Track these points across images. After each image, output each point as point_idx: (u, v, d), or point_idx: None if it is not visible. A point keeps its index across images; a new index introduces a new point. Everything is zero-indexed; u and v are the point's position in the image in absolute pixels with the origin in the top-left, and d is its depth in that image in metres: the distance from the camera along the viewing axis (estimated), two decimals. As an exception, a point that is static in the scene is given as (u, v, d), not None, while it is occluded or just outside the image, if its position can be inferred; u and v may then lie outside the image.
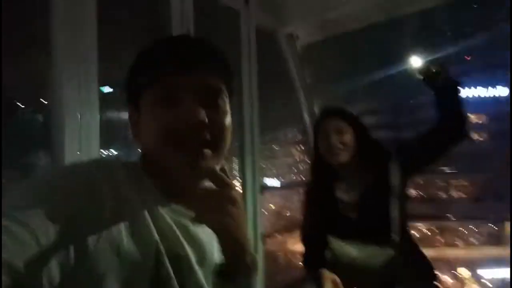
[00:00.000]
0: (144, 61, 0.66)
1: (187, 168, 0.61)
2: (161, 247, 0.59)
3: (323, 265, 1.53)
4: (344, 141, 1.51)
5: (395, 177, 1.49)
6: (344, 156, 1.51)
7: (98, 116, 1.38)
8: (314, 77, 3.45)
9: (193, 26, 1.81)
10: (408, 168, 1.52)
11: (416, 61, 1.52)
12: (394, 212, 1.45)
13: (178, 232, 0.62)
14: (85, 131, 1.32)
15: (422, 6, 2.24)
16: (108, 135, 1.58)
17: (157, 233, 0.59)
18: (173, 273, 0.60)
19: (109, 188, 0.57)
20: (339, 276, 1.51)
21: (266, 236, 2.21)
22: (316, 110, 3.39)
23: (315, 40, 3.05)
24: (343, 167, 1.56)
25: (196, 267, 0.64)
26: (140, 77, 0.65)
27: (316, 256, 1.58)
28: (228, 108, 0.67)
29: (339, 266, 1.51)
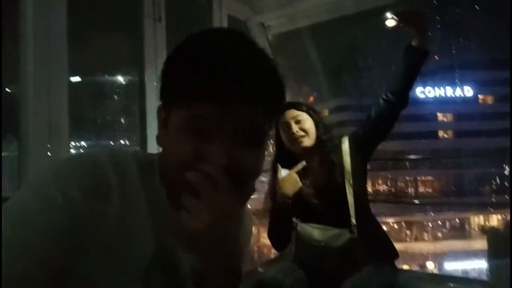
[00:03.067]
0: (181, 69, 0.54)
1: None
2: (158, 253, 0.56)
3: (288, 243, 1.61)
4: (304, 128, 1.60)
5: (349, 161, 1.58)
6: (307, 141, 1.61)
7: (67, 105, 1.35)
8: (285, 68, 3.50)
9: (164, 13, 1.79)
10: (361, 148, 1.63)
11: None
12: (350, 196, 1.54)
13: (175, 241, 0.59)
14: (54, 121, 1.30)
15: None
16: (78, 125, 1.56)
17: (156, 239, 0.57)
18: (166, 280, 0.58)
19: (117, 183, 0.53)
20: (303, 257, 1.59)
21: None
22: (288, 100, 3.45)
23: (287, 30, 3.08)
24: (305, 153, 1.63)
25: (188, 277, 0.60)
26: (174, 90, 0.55)
27: (281, 235, 1.63)
28: (265, 146, 0.58)
29: (304, 247, 1.59)
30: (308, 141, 1.60)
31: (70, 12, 1.35)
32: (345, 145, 1.62)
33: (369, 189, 1.81)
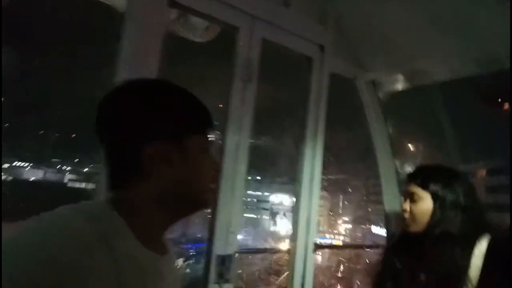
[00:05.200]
0: (196, 107, 0.76)
1: (211, 199, 0.81)
2: None
3: None
4: (413, 210, 1.33)
5: (481, 267, 1.21)
6: (411, 227, 1.34)
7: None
8: (399, 130, 3.16)
9: (256, 74, 1.80)
10: (504, 261, 1.18)
11: None
12: None
13: (152, 278, 0.67)
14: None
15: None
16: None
17: (134, 279, 0.63)
18: None
19: (98, 238, 0.59)
20: None
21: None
22: (399, 167, 3.10)
23: (401, 89, 2.82)
24: (418, 238, 1.34)
25: None
26: (193, 119, 0.74)
27: None
28: None
29: None
30: (414, 226, 1.33)
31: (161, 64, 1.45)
32: (482, 246, 1.24)
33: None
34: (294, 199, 2.04)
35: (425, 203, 1.31)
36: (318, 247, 2.02)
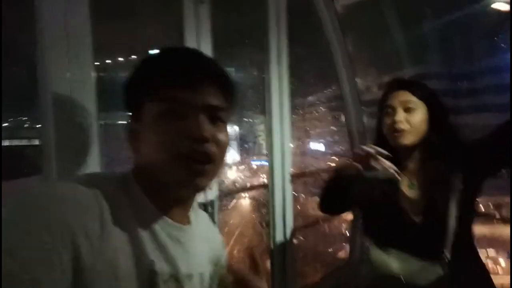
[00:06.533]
0: (149, 70, 0.66)
1: (186, 183, 0.62)
2: (156, 267, 0.60)
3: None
4: (410, 120, 1.25)
5: (463, 180, 1.20)
6: (407, 138, 1.25)
7: (94, 96, 1.14)
8: (358, 44, 3.06)
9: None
10: (478, 171, 1.23)
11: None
12: (452, 220, 1.17)
13: (171, 248, 0.64)
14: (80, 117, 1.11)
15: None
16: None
17: (153, 250, 0.61)
18: None
19: (103, 205, 0.57)
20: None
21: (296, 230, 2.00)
22: (358, 81, 3.06)
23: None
24: (405, 151, 1.29)
25: (185, 281, 0.65)
26: (144, 87, 0.64)
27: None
28: (227, 127, 0.69)
29: (376, 278, 1.28)
30: (408, 139, 1.25)
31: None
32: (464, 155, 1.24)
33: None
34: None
35: (422, 113, 1.26)
36: (296, 176, 1.96)
